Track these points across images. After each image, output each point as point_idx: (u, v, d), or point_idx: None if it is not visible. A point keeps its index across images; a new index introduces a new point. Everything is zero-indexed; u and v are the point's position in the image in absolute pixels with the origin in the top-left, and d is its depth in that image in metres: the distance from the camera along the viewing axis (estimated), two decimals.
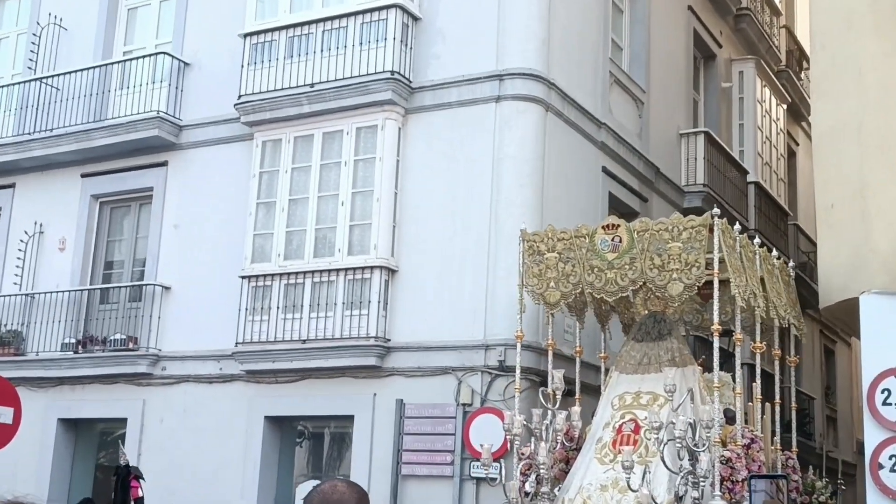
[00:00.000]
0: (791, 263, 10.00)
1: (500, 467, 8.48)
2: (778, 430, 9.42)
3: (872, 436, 8.27)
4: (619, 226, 8.56)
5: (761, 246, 9.10)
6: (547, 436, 8.31)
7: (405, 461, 10.01)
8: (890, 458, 8.19)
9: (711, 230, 8.17)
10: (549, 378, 8.67)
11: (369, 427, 10.28)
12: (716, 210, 8.37)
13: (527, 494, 8.18)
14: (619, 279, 8.40)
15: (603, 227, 8.63)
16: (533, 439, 8.43)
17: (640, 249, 8.33)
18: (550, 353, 9.12)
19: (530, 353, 9.59)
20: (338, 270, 10.59)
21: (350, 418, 10.57)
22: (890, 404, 8.28)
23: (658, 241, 8.26)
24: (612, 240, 8.48)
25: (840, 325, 12.42)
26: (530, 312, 9.40)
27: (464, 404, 9.87)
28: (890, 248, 8.38)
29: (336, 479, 2.73)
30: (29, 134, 12.90)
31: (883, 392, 8.32)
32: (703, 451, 7.29)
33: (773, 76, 16.79)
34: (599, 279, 8.49)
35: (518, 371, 8.92)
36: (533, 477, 8.23)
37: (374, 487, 9.90)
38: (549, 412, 8.36)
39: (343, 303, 10.47)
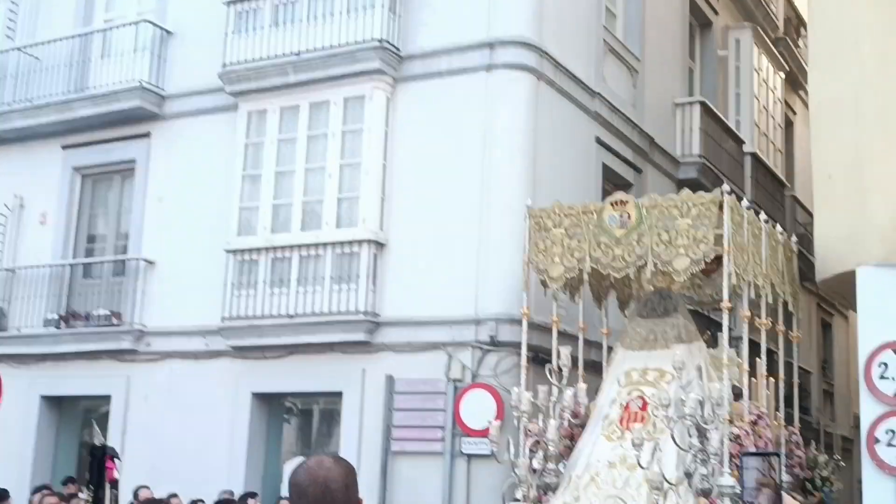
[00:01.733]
0: (793, 239, 9.84)
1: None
2: (782, 405, 9.34)
3: (869, 410, 8.22)
4: (627, 202, 8.57)
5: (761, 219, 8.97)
6: (554, 412, 8.27)
7: (395, 438, 9.90)
8: (886, 432, 8.13)
9: (720, 207, 8.11)
10: (554, 355, 8.62)
11: (358, 403, 10.15)
12: (725, 187, 8.29)
13: (534, 471, 8.17)
14: (627, 255, 8.43)
15: (611, 204, 8.64)
16: (541, 416, 8.39)
17: (648, 226, 8.34)
18: (555, 329, 9.06)
19: (520, 328, 9.41)
20: (325, 244, 10.40)
21: (339, 395, 10.44)
22: (887, 378, 8.21)
23: (667, 218, 8.27)
24: (621, 216, 8.49)
25: (837, 298, 12.30)
26: (521, 289, 9.21)
27: (454, 380, 9.76)
28: (887, 221, 8.26)
29: (322, 454, 2.61)
30: (8, 104, 12.65)
31: (880, 366, 8.25)
32: (714, 428, 7.22)
33: (770, 44, 16.49)
34: (607, 255, 8.52)
35: (524, 348, 8.89)
36: (541, 454, 8.22)
37: (363, 465, 9.78)
38: (556, 389, 8.28)
39: (331, 277, 10.30)
